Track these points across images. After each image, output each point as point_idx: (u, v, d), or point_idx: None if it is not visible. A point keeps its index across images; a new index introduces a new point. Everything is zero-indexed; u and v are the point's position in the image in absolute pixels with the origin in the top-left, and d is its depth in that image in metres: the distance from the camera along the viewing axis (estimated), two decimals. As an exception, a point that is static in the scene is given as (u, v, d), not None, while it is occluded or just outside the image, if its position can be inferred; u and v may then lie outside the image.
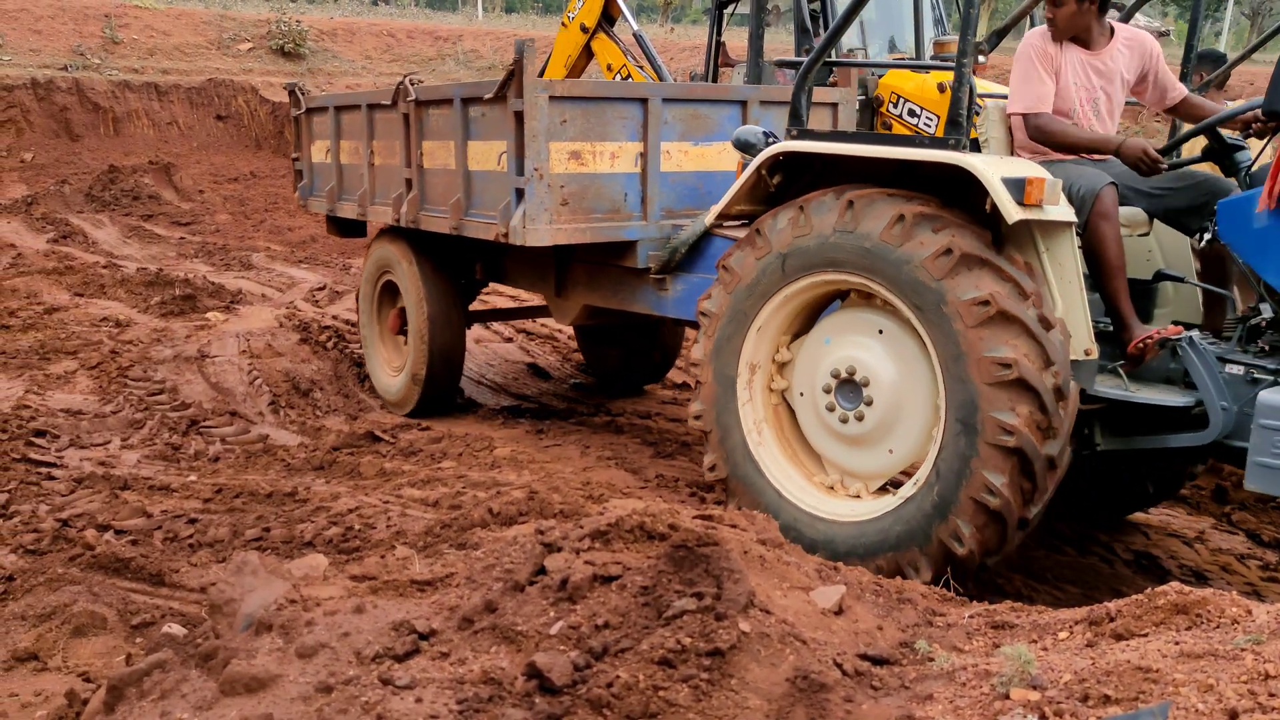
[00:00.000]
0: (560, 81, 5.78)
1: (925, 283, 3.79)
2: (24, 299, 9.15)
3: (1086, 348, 3.87)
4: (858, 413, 4.13)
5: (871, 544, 3.99)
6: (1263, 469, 3.50)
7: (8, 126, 16.93)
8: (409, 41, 23.24)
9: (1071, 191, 4.02)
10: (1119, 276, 4.03)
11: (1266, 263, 3.75)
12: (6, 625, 3.90)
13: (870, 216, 3.94)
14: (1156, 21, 38.39)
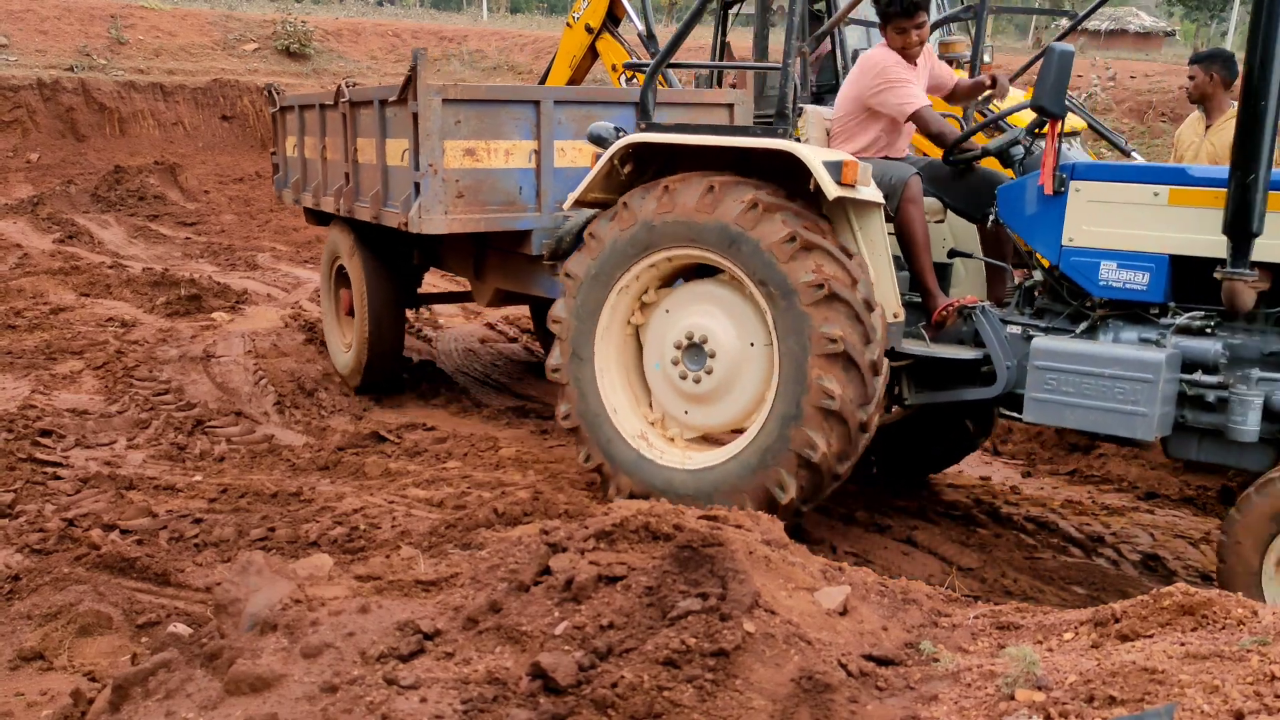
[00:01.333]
0: (454, 85, 6.18)
1: (771, 263, 4.30)
2: (30, 299, 9.16)
3: (895, 311, 4.49)
4: (697, 376, 4.63)
5: (706, 489, 4.49)
6: (1037, 402, 4.17)
7: (14, 127, 16.97)
8: (414, 42, 23.26)
9: (884, 180, 4.62)
10: (924, 253, 4.65)
11: (1036, 237, 4.44)
12: (12, 625, 3.91)
13: (729, 200, 4.41)
14: (1163, 21, 38.33)
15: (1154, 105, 17.81)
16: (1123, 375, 3.96)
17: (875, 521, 5.08)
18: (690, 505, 3.96)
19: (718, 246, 4.44)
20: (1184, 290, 4.16)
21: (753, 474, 4.38)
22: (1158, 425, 3.94)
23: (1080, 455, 6.17)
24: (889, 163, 4.81)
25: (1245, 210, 3.79)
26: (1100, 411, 4.03)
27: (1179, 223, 4.06)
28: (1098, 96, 18.22)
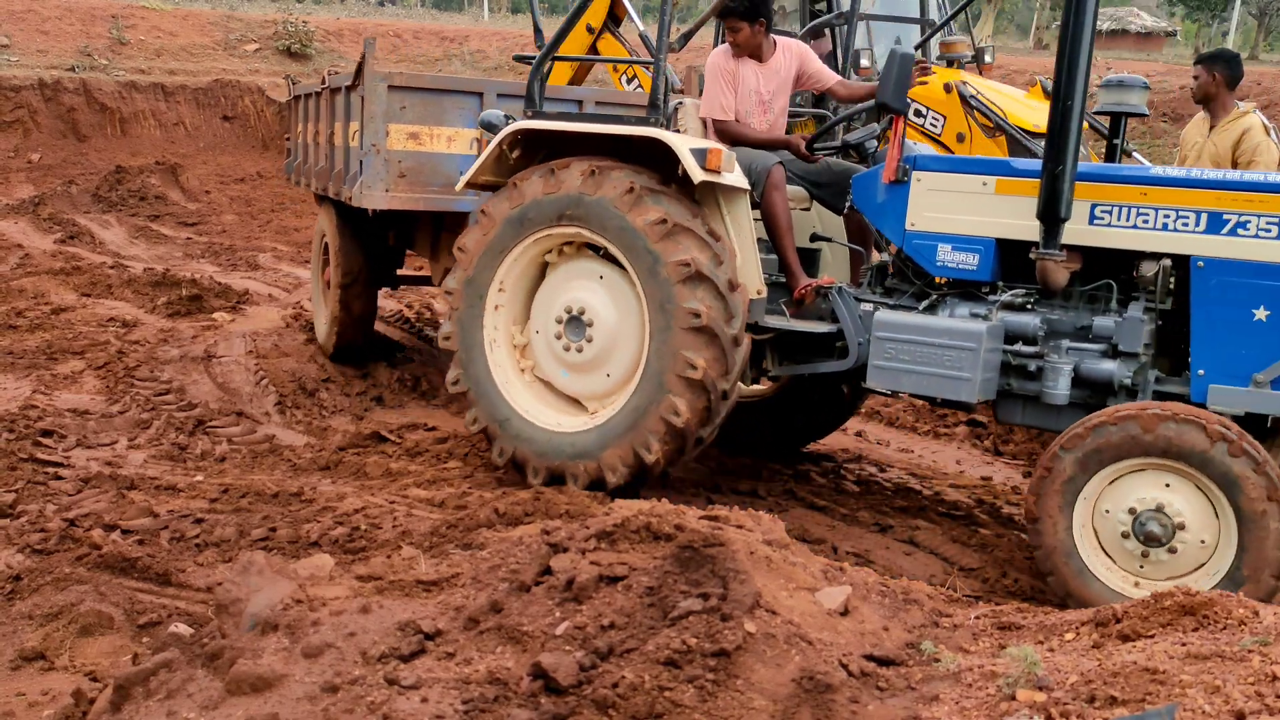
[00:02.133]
0: (401, 74, 6.67)
1: (644, 243, 4.70)
2: (31, 299, 9.16)
3: (758, 289, 4.91)
4: (579, 346, 5.05)
5: (582, 450, 4.89)
6: (877, 369, 4.61)
7: (15, 127, 16.98)
8: (415, 42, 23.26)
9: (750, 169, 4.99)
10: (787, 237, 5.03)
11: (884, 222, 4.87)
12: (14, 625, 3.91)
13: (608, 184, 4.79)
14: (1164, 21, 38.30)
15: (1155, 105, 17.80)
16: (949, 344, 4.41)
17: (877, 521, 5.08)
18: (566, 465, 4.93)
19: (597, 226, 4.83)
20: (1010, 270, 4.61)
21: (623, 436, 4.79)
22: (979, 389, 4.38)
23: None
24: (755, 152, 5.13)
25: (1055, 198, 4.23)
26: (930, 377, 4.47)
27: (1004, 210, 4.52)
28: (1099, 96, 18.22)
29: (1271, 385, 4.09)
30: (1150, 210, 4.29)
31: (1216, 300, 4.18)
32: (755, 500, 5.35)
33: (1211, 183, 4.23)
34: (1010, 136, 8.61)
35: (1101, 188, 4.38)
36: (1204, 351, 4.22)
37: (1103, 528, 4.05)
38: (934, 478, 5.86)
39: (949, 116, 8.87)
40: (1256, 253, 4.11)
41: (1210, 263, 4.18)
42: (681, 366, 4.62)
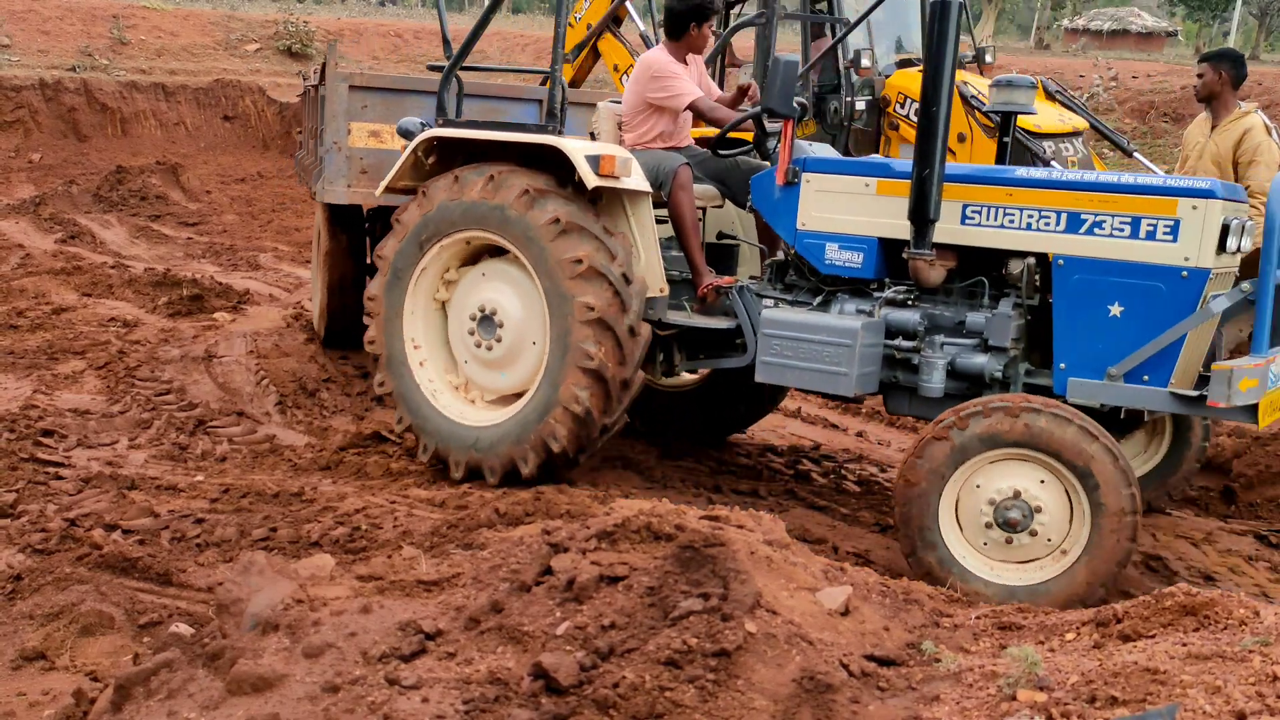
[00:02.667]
0: (362, 74, 6.94)
1: (539, 242, 4.91)
2: (32, 299, 9.16)
3: (660, 287, 5.17)
4: (490, 344, 5.28)
5: (521, 429, 5.07)
6: (765, 365, 4.82)
7: (16, 127, 16.99)
8: (415, 42, 23.27)
9: (656, 170, 5.22)
10: (693, 235, 5.24)
11: (778, 222, 5.05)
12: (14, 624, 3.91)
13: (505, 188, 5.01)
14: (1165, 21, 38.29)
15: (1156, 105, 17.81)
16: (827, 341, 4.61)
17: (877, 521, 5.08)
18: (484, 458, 5.16)
19: (499, 229, 5.05)
20: (894, 268, 4.80)
21: (532, 428, 5.02)
22: (856, 383, 4.58)
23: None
24: (662, 154, 5.36)
25: (923, 200, 4.39)
26: (811, 372, 4.68)
27: (885, 210, 4.69)
28: (1100, 97, 18.22)
29: (1125, 379, 4.24)
30: (1015, 210, 4.47)
31: (1075, 297, 4.35)
32: (756, 500, 5.35)
33: (1069, 184, 4.42)
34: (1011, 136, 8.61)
35: (971, 189, 4.55)
36: (1064, 346, 4.40)
37: (965, 513, 4.19)
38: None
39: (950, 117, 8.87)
40: (1111, 251, 4.29)
41: (1069, 260, 4.36)
42: (579, 358, 4.85)
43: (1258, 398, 4.03)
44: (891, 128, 9.35)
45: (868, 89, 9.43)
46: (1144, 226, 4.22)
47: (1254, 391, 4.01)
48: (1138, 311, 4.25)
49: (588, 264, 4.82)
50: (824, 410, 7.10)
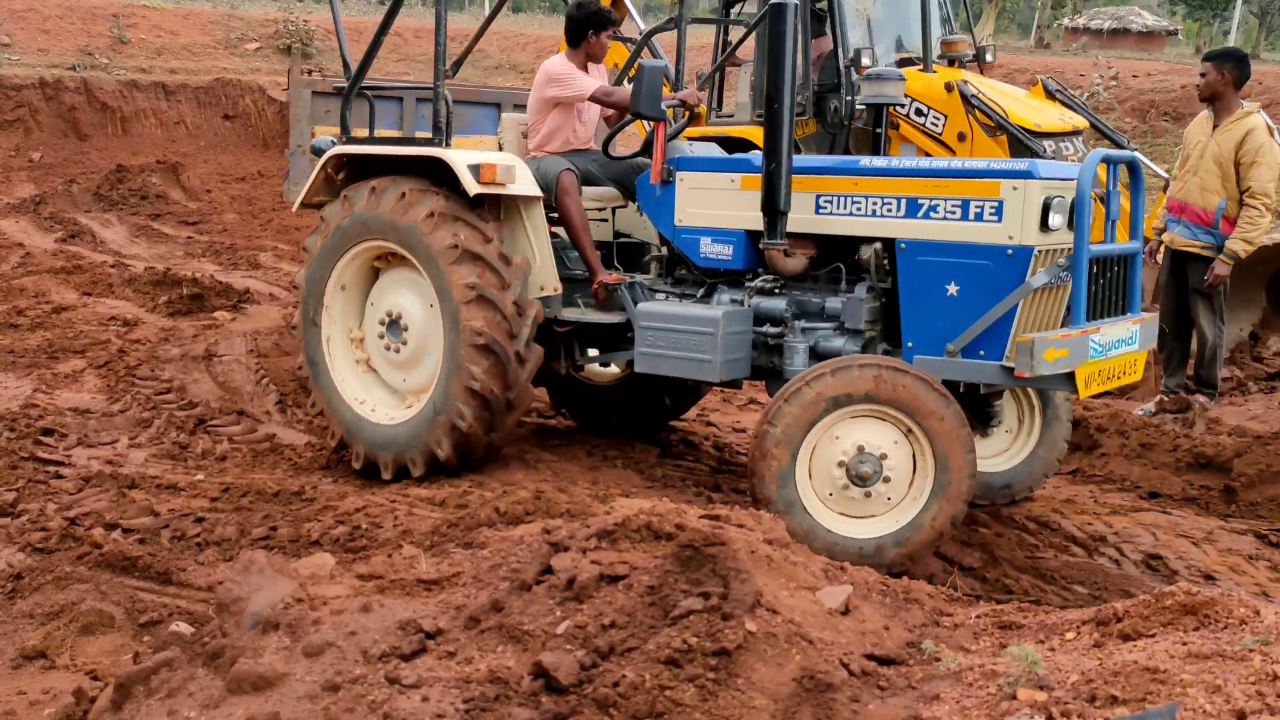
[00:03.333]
0: (322, 80, 7.13)
1: (419, 237, 5.15)
2: (32, 298, 9.16)
3: (554, 286, 5.41)
4: (397, 346, 5.52)
5: (414, 432, 5.31)
6: (643, 355, 5.07)
7: (16, 126, 16.98)
8: (415, 41, 23.26)
9: (545, 176, 5.50)
10: (583, 235, 5.44)
11: (659, 219, 5.34)
12: (15, 623, 3.91)
13: (387, 197, 5.28)
14: (1165, 20, 38.28)
15: (1156, 104, 17.80)
16: (693, 330, 4.87)
17: (877, 521, 5.07)
18: (379, 453, 5.43)
19: (405, 244, 5.28)
20: (762, 258, 5.01)
21: (423, 433, 5.28)
22: (721, 370, 4.83)
23: (1083, 455, 6.17)
24: (549, 160, 5.65)
25: (773, 193, 4.63)
26: (680, 360, 4.93)
27: (749, 204, 4.86)
28: (1100, 95, 18.21)
29: (962, 354, 4.45)
30: (862, 198, 4.72)
31: (916, 278, 4.58)
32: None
33: (907, 171, 4.65)
34: (1012, 136, 8.61)
35: (823, 179, 4.82)
36: (909, 325, 4.63)
37: (818, 472, 4.39)
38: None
39: (950, 116, 8.86)
40: (945, 233, 4.51)
41: (910, 244, 4.59)
42: (469, 336, 5.07)
43: (1069, 366, 4.19)
44: (891, 127, 9.34)
45: (869, 88, 9.43)
46: (972, 209, 4.44)
47: (1064, 361, 4.16)
48: (971, 290, 4.45)
49: (462, 247, 5.04)
50: (824, 409, 7.10)
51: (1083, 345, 4.24)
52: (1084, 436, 6.25)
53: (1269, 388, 7.36)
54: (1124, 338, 4.47)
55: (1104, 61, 20.81)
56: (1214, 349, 6.73)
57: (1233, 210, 6.48)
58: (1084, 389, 4.30)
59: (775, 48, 4.60)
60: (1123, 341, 4.46)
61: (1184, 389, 6.88)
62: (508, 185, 5.16)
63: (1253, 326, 8.04)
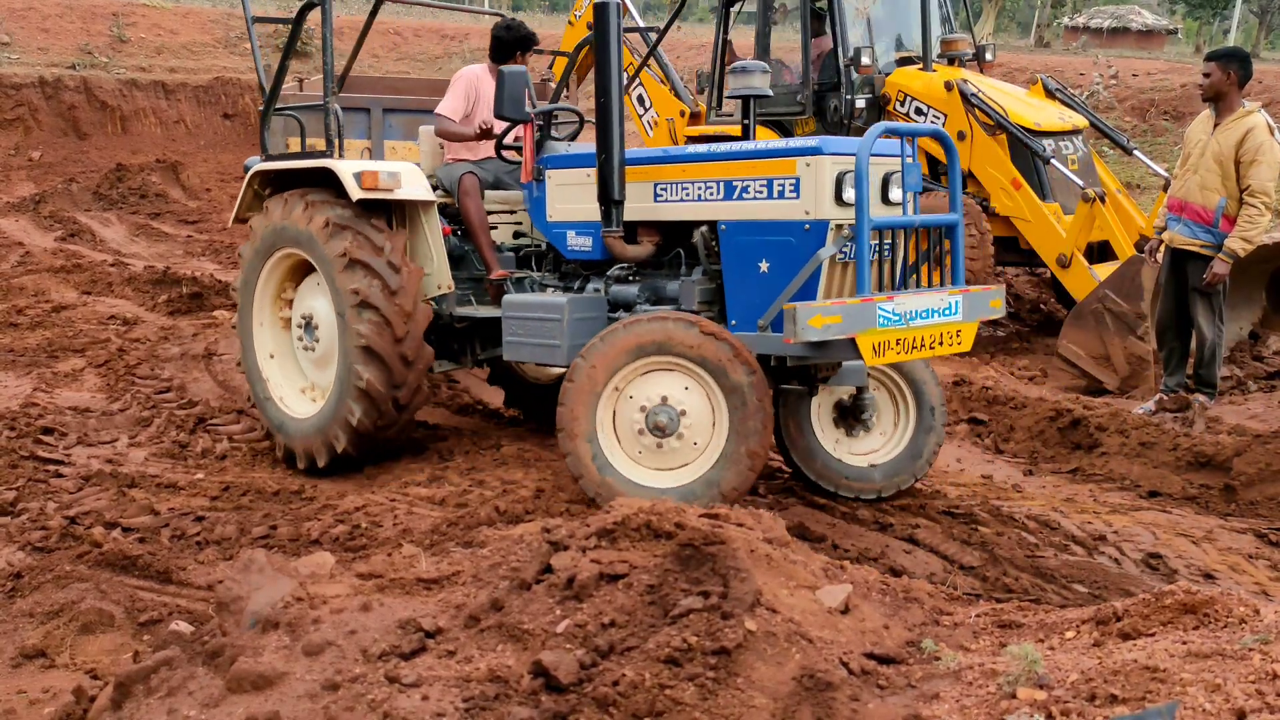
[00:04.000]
0: (297, 94, 7.72)
1: (318, 246, 5.43)
2: (32, 297, 9.17)
3: (447, 285, 5.65)
4: (311, 345, 5.82)
5: (319, 426, 5.57)
6: (508, 344, 5.30)
7: (16, 125, 16.98)
8: (415, 40, 23.26)
9: (447, 180, 5.94)
10: (481, 235, 5.73)
11: (535, 215, 5.59)
12: (14, 622, 3.91)
13: (294, 209, 5.58)
14: (1165, 19, 38.28)
15: (1156, 103, 17.79)
16: (542, 317, 5.11)
17: (877, 520, 5.08)
18: (293, 442, 5.71)
19: (309, 252, 5.57)
20: None
21: (322, 428, 5.54)
22: (568, 354, 4.94)
23: (1083, 453, 6.17)
24: (453, 165, 6.02)
25: (606, 184, 4.86)
26: (535, 346, 5.15)
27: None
28: (1100, 94, 18.21)
29: (771, 328, 4.58)
30: (690, 185, 4.92)
31: (735, 257, 4.78)
32: (755, 498, 5.35)
33: (723, 155, 4.83)
34: (1011, 135, 8.61)
35: (659, 169, 5.04)
36: (732, 303, 4.82)
37: (620, 424, 4.62)
38: (933, 475, 5.86)
39: (950, 114, 8.87)
40: (756, 212, 4.69)
41: (729, 225, 4.80)
42: (354, 339, 5.32)
43: (843, 333, 4.25)
44: (891, 126, 9.35)
45: (868, 87, 9.43)
46: (775, 187, 4.64)
47: (836, 327, 4.23)
48: (777, 265, 4.63)
49: (350, 255, 5.30)
50: (824, 408, 7.10)
51: (866, 312, 4.28)
52: (1084, 435, 6.25)
53: (1269, 386, 7.36)
54: (937, 308, 4.51)
55: (1104, 60, 20.81)
56: (1213, 348, 6.73)
57: (1232, 209, 6.48)
58: (871, 357, 4.35)
59: (600, 45, 4.79)
60: (935, 312, 4.49)
61: (1184, 388, 6.89)
62: (394, 190, 5.40)
63: (1252, 325, 8.04)
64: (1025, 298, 10.33)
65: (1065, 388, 7.51)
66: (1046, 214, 8.45)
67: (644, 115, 10.82)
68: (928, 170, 9.21)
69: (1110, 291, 7.46)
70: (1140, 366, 7.30)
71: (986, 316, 4.82)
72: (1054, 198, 8.66)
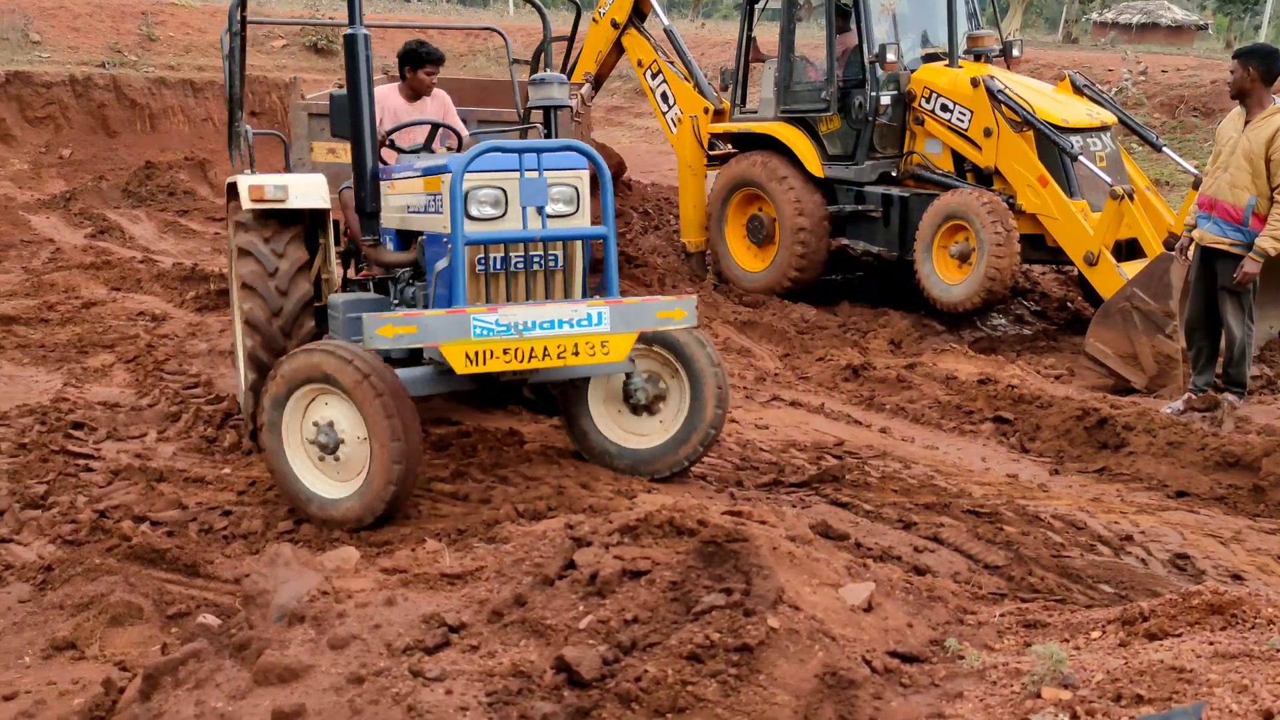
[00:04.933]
0: (316, 104, 8.39)
1: (235, 265, 5.79)
2: (62, 293, 9.26)
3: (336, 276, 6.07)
4: None
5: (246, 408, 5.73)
6: (330, 334, 5.68)
7: (47, 123, 17.14)
8: (440, 38, 23.32)
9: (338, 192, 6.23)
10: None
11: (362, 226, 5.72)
12: (45, 614, 3.96)
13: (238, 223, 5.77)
14: (1195, 15, 37.89)
15: (1186, 100, 17.63)
16: (332, 315, 5.70)
17: (900, 518, 5.06)
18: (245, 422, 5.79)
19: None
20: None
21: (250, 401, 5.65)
22: None
23: (1110, 453, 6.12)
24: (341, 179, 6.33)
25: (359, 197, 5.43)
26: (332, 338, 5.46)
27: (388, 206, 5.58)
28: (1129, 91, 18.05)
29: None
30: (415, 198, 5.29)
31: (429, 266, 5.19)
32: (778, 496, 5.34)
33: (429, 170, 5.11)
34: (1038, 131, 8.55)
35: (408, 183, 5.36)
36: (431, 307, 5.07)
37: (301, 442, 4.85)
38: (958, 474, 5.83)
39: (976, 111, 8.81)
40: (433, 225, 5.13)
41: (428, 236, 5.27)
42: (245, 381, 5.64)
43: (416, 344, 4.49)
44: (917, 122, 9.30)
45: (893, 83, 9.39)
46: (435, 202, 5.07)
47: (408, 338, 4.41)
48: (441, 276, 4.99)
49: (244, 281, 5.55)
50: (847, 407, 7.08)
51: (455, 323, 4.44)
52: (1111, 435, 6.20)
53: (1299, 386, 7.29)
54: (567, 319, 4.58)
55: (1132, 56, 20.62)
56: (1242, 347, 6.67)
57: (1263, 207, 6.41)
58: (461, 365, 4.46)
59: (350, 71, 5.19)
60: (563, 323, 4.57)
61: (1212, 387, 6.82)
62: (286, 201, 5.65)
63: None
64: (1052, 296, 10.26)
65: (1092, 387, 7.45)
66: (1074, 211, 8.38)
67: (668, 112, 10.80)
68: (953, 167, 9.16)
69: (1138, 290, 7.39)
70: (1168, 365, 7.24)
71: (650, 328, 4.78)
72: (1082, 195, 8.59)
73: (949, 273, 8.72)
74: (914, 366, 7.70)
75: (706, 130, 10.54)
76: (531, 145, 4.79)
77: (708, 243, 10.65)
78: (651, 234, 11.96)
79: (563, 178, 4.91)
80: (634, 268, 10.47)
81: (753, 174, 9.96)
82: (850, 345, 8.54)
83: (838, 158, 9.69)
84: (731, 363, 8.15)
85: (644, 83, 11.07)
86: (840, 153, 9.70)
